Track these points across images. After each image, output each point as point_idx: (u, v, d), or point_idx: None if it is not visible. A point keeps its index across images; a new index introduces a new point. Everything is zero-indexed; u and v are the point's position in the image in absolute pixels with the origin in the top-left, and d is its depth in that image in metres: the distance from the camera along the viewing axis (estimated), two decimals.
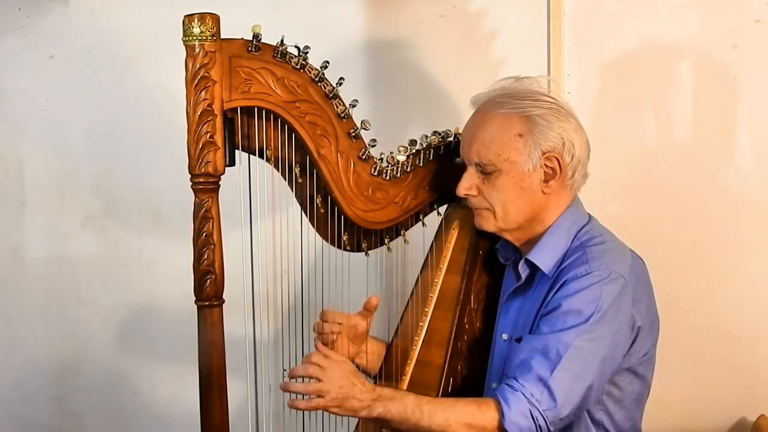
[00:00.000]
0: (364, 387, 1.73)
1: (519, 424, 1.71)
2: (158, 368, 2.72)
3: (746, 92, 2.40)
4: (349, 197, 1.89)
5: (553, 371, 1.73)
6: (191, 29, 1.70)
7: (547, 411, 1.72)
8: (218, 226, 1.75)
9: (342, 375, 1.72)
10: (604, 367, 1.78)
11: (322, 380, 1.71)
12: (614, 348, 1.79)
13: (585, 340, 1.75)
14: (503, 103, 1.87)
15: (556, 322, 1.77)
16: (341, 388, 1.71)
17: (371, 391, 1.73)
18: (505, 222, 1.89)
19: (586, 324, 1.75)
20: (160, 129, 2.56)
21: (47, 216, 2.74)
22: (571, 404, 1.75)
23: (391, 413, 1.73)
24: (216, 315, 1.76)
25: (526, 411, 1.72)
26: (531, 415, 1.72)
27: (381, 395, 1.73)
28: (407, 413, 1.72)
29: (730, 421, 2.47)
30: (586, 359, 1.75)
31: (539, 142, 1.84)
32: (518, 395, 1.73)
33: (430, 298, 2.00)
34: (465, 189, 1.90)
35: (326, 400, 1.71)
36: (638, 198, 2.47)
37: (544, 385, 1.73)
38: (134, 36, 2.61)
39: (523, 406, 1.72)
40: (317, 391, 1.71)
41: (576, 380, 1.75)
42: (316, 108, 1.82)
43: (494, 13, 2.48)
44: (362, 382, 1.74)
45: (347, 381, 1.72)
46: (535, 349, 1.77)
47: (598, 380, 1.78)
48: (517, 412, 1.72)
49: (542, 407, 1.72)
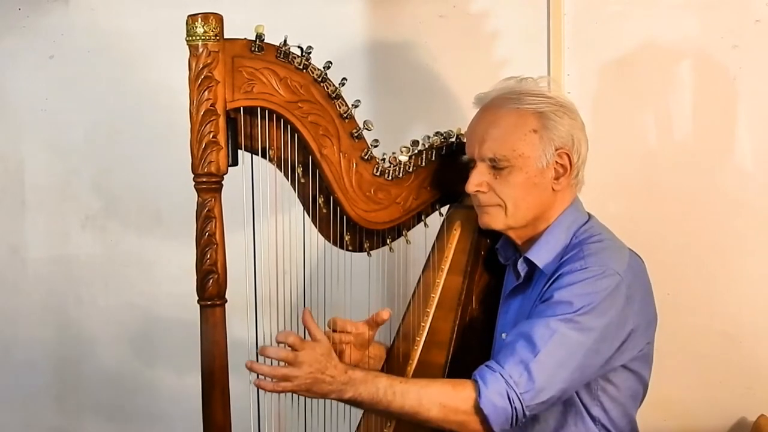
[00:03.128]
0: (335, 370, 1.69)
1: (495, 403, 1.69)
2: (158, 368, 2.72)
3: (746, 92, 2.41)
4: (352, 197, 1.89)
5: (536, 356, 1.72)
6: (195, 29, 1.70)
7: (524, 394, 1.70)
8: (221, 225, 1.75)
9: (313, 359, 1.67)
10: (588, 360, 1.76)
11: (293, 365, 1.67)
12: (601, 342, 1.77)
13: (571, 329, 1.74)
14: (514, 100, 1.87)
15: (546, 310, 1.77)
16: (311, 373, 1.67)
17: (342, 374, 1.69)
18: (515, 219, 1.88)
19: (575, 314, 1.74)
20: (161, 129, 2.56)
21: (47, 216, 2.74)
22: (551, 391, 1.73)
23: (362, 396, 1.70)
24: (218, 314, 1.76)
25: (503, 391, 1.70)
26: (507, 396, 1.70)
27: (352, 378, 1.70)
28: (379, 395, 1.70)
29: (730, 421, 2.47)
30: (571, 348, 1.74)
31: (553, 138, 1.85)
32: (496, 375, 1.71)
33: (432, 299, 2.00)
34: (475, 185, 1.88)
35: (294, 384, 1.67)
36: (638, 198, 2.47)
37: (525, 368, 1.71)
38: (135, 36, 2.61)
39: (500, 386, 1.70)
40: (284, 377, 1.67)
41: (558, 367, 1.73)
42: (318, 108, 1.83)
43: (494, 13, 2.49)
44: (334, 365, 1.69)
45: (318, 365, 1.67)
46: (521, 333, 1.76)
47: (581, 372, 1.76)
48: (494, 391, 1.70)
49: (519, 390, 1.70)
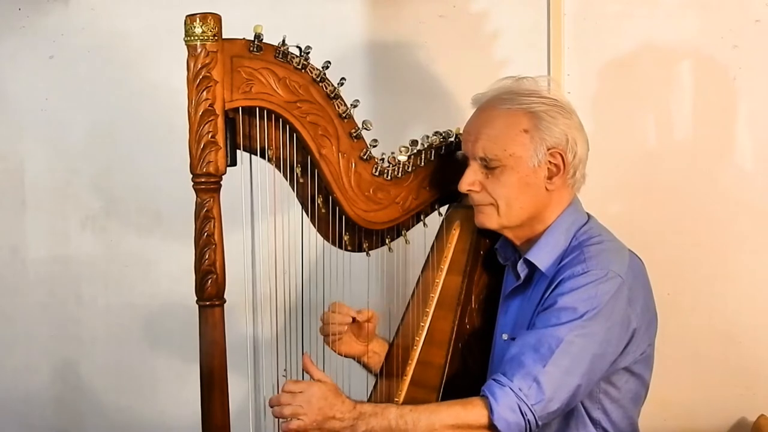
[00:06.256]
0: (344, 406, 1.72)
1: (507, 419, 1.70)
2: (158, 368, 2.72)
3: (746, 92, 2.41)
4: (351, 197, 1.89)
5: (544, 366, 1.72)
6: (193, 29, 1.70)
7: (535, 405, 1.71)
8: (219, 225, 1.75)
9: (320, 395, 1.71)
10: (594, 364, 1.77)
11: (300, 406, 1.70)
12: (606, 346, 1.78)
13: (577, 336, 1.74)
14: (508, 100, 1.87)
15: (550, 318, 1.77)
16: (320, 409, 1.70)
17: (351, 410, 1.72)
18: (508, 218, 1.89)
19: (580, 320, 1.75)
20: (160, 129, 2.56)
21: (47, 216, 2.74)
22: (560, 400, 1.74)
23: (375, 430, 1.72)
24: (217, 315, 1.76)
25: (515, 405, 1.71)
26: (519, 409, 1.71)
27: (362, 413, 1.72)
28: (391, 426, 1.72)
29: (730, 421, 2.47)
30: (577, 355, 1.74)
31: (545, 137, 1.85)
32: (506, 390, 1.72)
33: (431, 298, 2.00)
34: (468, 184, 1.89)
35: (306, 422, 1.70)
36: (638, 198, 2.47)
37: (533, 380, 1.72)
38: (134, 36, 2.60)
39: (510, 400, 1.71)
40: (293, 415, 1.70)
41: (566, 375, 1.74)
42: (317, 108, 1.82)
43: (494, 13, 2.48)
44: (342, 401, 1.72)
45: (326, 402, 1.70)
46: (526, 344, 1.76)
47: (589, 377, 1.77)
48: (505, 406, 1.70)
49: (530, 402, 1.71)
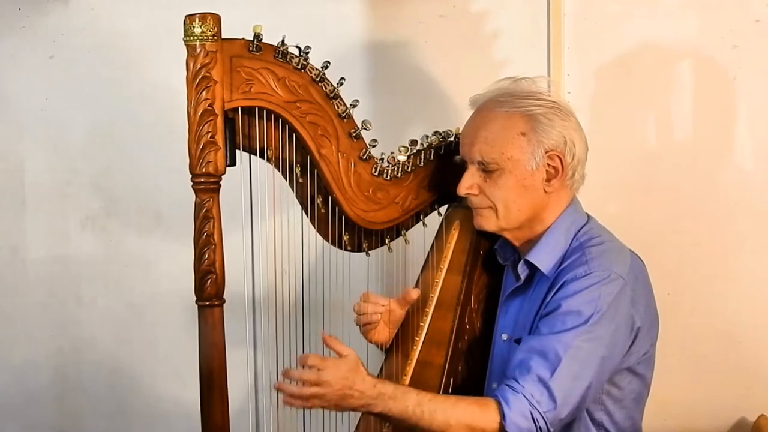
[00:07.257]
0: (364, 385, 1.70)
1: (519, 425, 1.71)
2: (158, 368, 2.72)
3: (746, 92, 2.40)
4: (350, 197, 1.89)
5: (553, 372, 1.73)
6: (192, 29, 1.70)
7: (547, 412, 1.73)
8: (219, 226, 1.75)
9: (339, 376, 1.69)
10: (602, 367, 1.78)
11: (319, 385, 1.68)
12: (613, 348, 1.79)
13: (584, 341, 1.75)
14: (505, 102, 1.87)
15: (556, 323, 1.78)
16: (338, 390, 1.69)
17: (371, 388, 1.71)
18: (507, 221, 1.89)
19: (586, 325, 1.75)
20: (160, 129, 2.56)
21: (47, 216, 2.74)
22: (571, 405, 1.75)
23: (391, 412, 1.72)
24: (217, 315, 1.76)
25: (527, 412, 1.72)
26: (531, 416, 1.72)
27: (381, 393, 1.71)
28: (408, 412, 1.72)
29: (730, 421, 2.47)
30: (585, 359, 1.75)
31: (542, 140, 1.84)
32: (519, 396, 1.73)
33: (431, 298, 2.00)
34: (466, 188, 1.89)
35: (323, 401, 1.70)
36: (638, 198, 2.47)
37: (544, 386, 1.73)
38: (134, 36, 2.60)
39: (523, 407, 1.72)
40: (312, 395, 1.69)
41: (575, 381, 1.75)
42: (317, 108, 1.83)
43: (494, 13, 2.48)
44: (362, 379, 1.70)
45: (345, 382, 1.69)
46: (534, 350, 1.77)
47: (597, 380, 1.78)
48: (518, 412, 1.72)
49: (542, 408, 1.72)
